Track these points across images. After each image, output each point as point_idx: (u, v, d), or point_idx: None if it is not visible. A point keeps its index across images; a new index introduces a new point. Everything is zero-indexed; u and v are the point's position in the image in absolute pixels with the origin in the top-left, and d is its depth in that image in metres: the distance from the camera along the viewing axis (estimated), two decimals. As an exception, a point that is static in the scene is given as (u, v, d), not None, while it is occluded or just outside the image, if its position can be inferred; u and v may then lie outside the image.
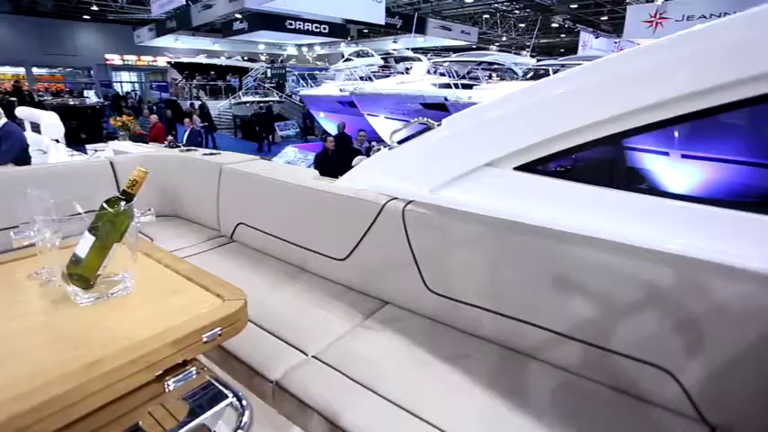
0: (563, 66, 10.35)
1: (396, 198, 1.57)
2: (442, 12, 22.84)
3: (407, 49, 20.13)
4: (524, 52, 19.60)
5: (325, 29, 17.26)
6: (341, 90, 12.36)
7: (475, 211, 1.38)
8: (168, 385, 0.87)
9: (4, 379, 0.77)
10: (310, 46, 26.38)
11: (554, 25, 22.25)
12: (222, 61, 22.86)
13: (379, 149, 1.71)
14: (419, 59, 15.25)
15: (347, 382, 1.18)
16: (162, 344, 0.87)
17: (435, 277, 1.47)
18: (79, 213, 1.08)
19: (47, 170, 2.38)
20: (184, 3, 14.11)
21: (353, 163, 1.84)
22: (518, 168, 1.36)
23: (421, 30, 18.98)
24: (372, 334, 1.39)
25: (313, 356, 1.29)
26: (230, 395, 0.88)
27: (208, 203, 2.26)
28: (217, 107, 17.65)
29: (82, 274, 1.03)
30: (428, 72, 12.48)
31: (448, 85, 10.40)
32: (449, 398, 1.16)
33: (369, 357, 1.28)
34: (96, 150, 4.22)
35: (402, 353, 1.32)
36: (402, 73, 13.87)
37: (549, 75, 9.87)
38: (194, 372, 0.90)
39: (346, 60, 16.13)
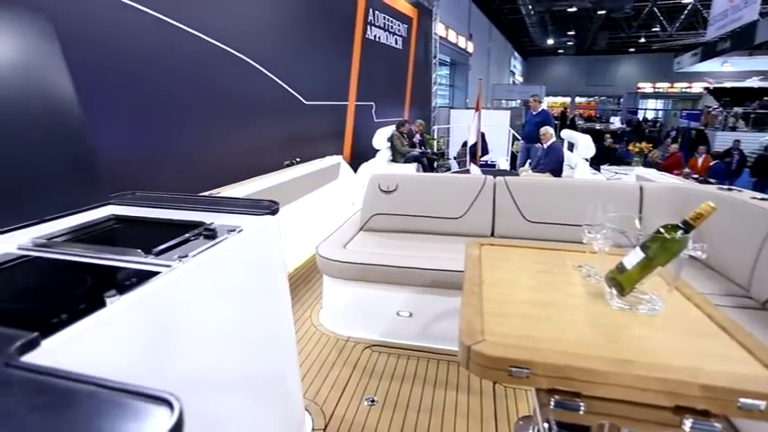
0: None
1: None
2: None
3: None
4: None
5: None
6: None
7: None
8: (685, 423, 0.85)
9: (553, 334, 1.02)
10: None
11: None
12: (784, 84, 18.29)
13: None
14: None
15: None
16: (687, 379, 0.86)
17: None
18: (638, 229, 1.22)
19: (588, 183, 2.89)
20: (756, 18, 12.16)
21: None
22: None
23: None
24: None
25: None
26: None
27: (742, 256, 1.95)
28: (759, 140, 14.19)
29: (621, 281, 1.17)
30: None
31: None
32: None
33: None
34: (617, 173, 4.58)
35: None
36: None
37: None
38: (720, 429, 0.84)
39: None
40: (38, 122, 1.24)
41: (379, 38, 7.91)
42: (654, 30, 21.99)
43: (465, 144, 9.47)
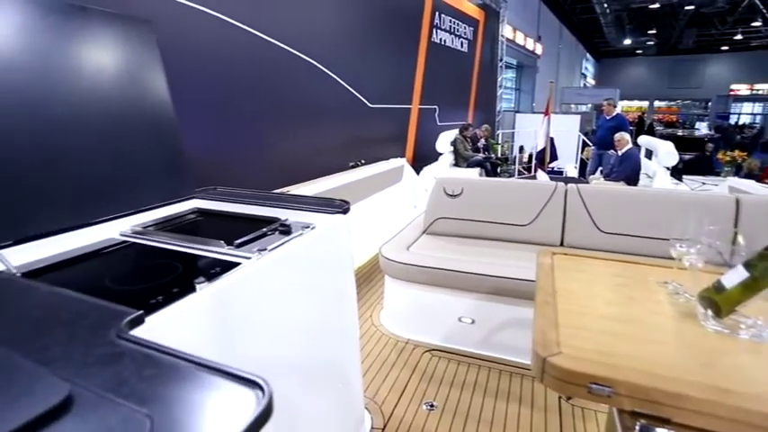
0: None
1: None
2: None
3: None
4: None
5: None
6: None
7: None
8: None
9: (637, 352, 0.94)
10: None
11: None
12: None
13: None
14: None
15: None
16: (804, 418, 0.76)
17: None
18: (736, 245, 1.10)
19: (671, 194, 2.66)
20: None
21: None
22: None
23: None
24: None
25: None
26: None
27: None
28: None
29: (717, 301, 1.06)
30: None
31: None
32: None
33: None
34: (704, 183, 4.15)
35: None
36: None
37: None
38: None
39: None
40: (147, 128, 1.39)
41: (445, 41, 7.86)
42: (754, 24, 19.74)
43: (521, 149, 9.11)
